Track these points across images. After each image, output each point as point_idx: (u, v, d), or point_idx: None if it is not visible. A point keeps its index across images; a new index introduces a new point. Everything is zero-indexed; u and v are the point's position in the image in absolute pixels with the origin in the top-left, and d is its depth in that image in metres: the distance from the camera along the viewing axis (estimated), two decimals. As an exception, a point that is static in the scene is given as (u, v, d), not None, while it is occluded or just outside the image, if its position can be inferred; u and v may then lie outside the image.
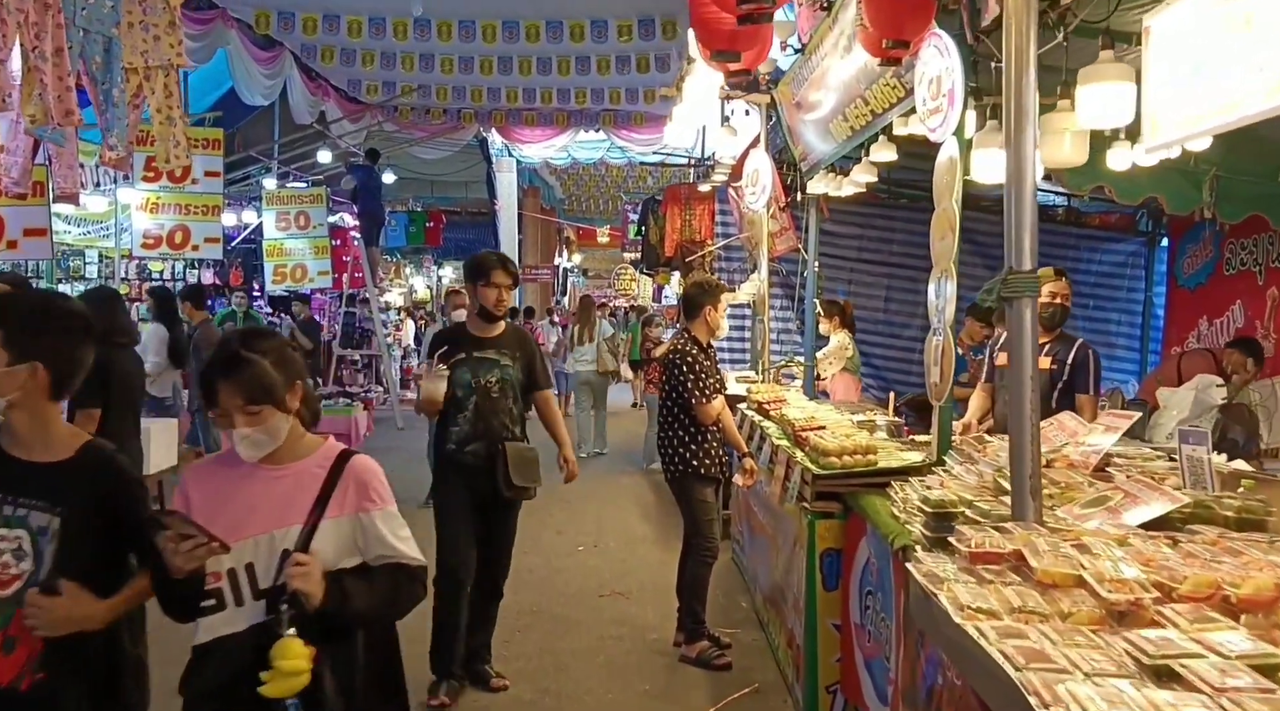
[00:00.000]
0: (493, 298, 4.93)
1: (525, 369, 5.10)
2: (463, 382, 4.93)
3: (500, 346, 5.05)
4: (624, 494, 10.44)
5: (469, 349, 4.99)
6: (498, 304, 4.95)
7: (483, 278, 4.93)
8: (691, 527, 5.64)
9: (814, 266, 7.79)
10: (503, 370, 5.01)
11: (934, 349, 4.41)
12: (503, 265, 5.00)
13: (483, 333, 5.05)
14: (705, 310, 5.65)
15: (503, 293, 4.97)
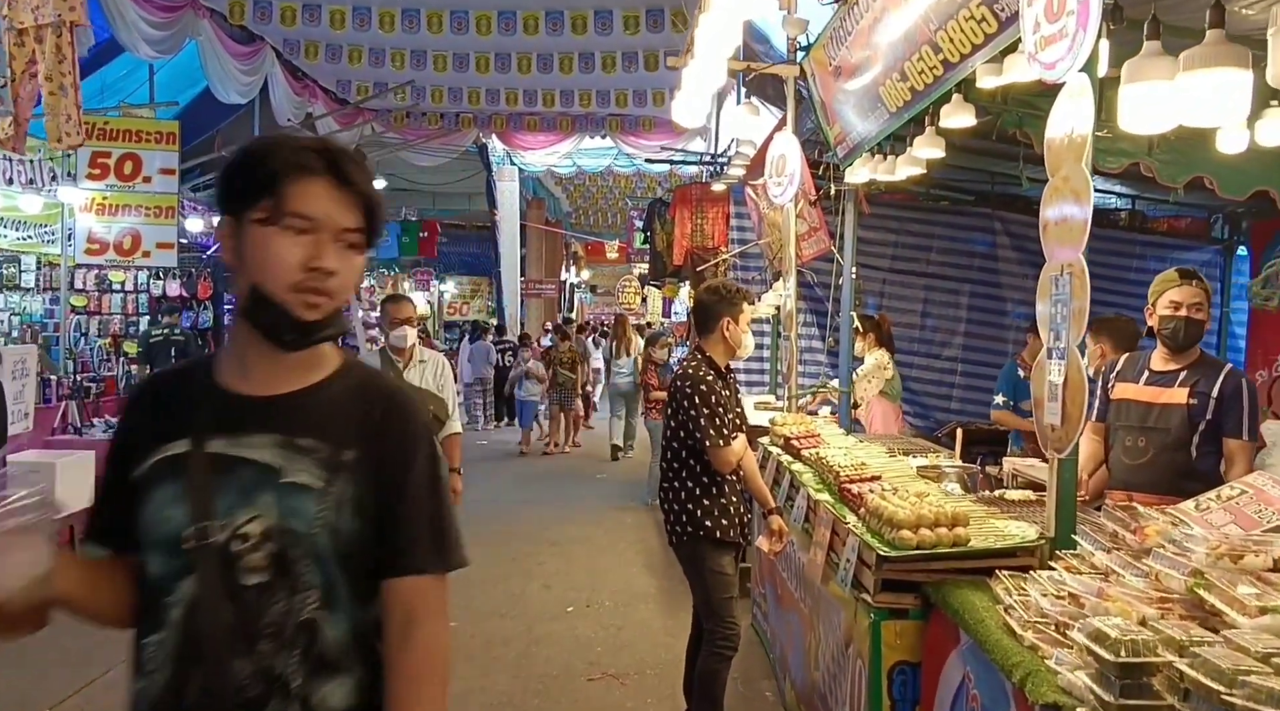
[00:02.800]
0: (296, 258, 1.61)
1: (375, 496, 1.70)
2: (160, 536, 1.64)
3: (297, 423, 1.68)
4: (624, 535, 9.11)
5: (202, 428, 1.68)
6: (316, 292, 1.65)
7: (268, 194, 1.62)
8: (704, 608, 4.31)
9: (850, 273, 6.49)
10: (292, 500, 1.64)
11: (1050, 378, 3.10)
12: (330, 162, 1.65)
13: (252, 385, 1.71)
14: (723, 323, 4.35)
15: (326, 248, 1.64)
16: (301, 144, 1.65)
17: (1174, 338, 4.14)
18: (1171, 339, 4.15)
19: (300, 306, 1.61)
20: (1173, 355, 4.16)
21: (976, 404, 9.64)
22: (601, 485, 12.15)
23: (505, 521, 9.57)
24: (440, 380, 5.64)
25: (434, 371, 5.64)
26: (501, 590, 7.16)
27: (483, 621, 6.47)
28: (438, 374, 5.65)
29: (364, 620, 1.68)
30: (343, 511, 1.64)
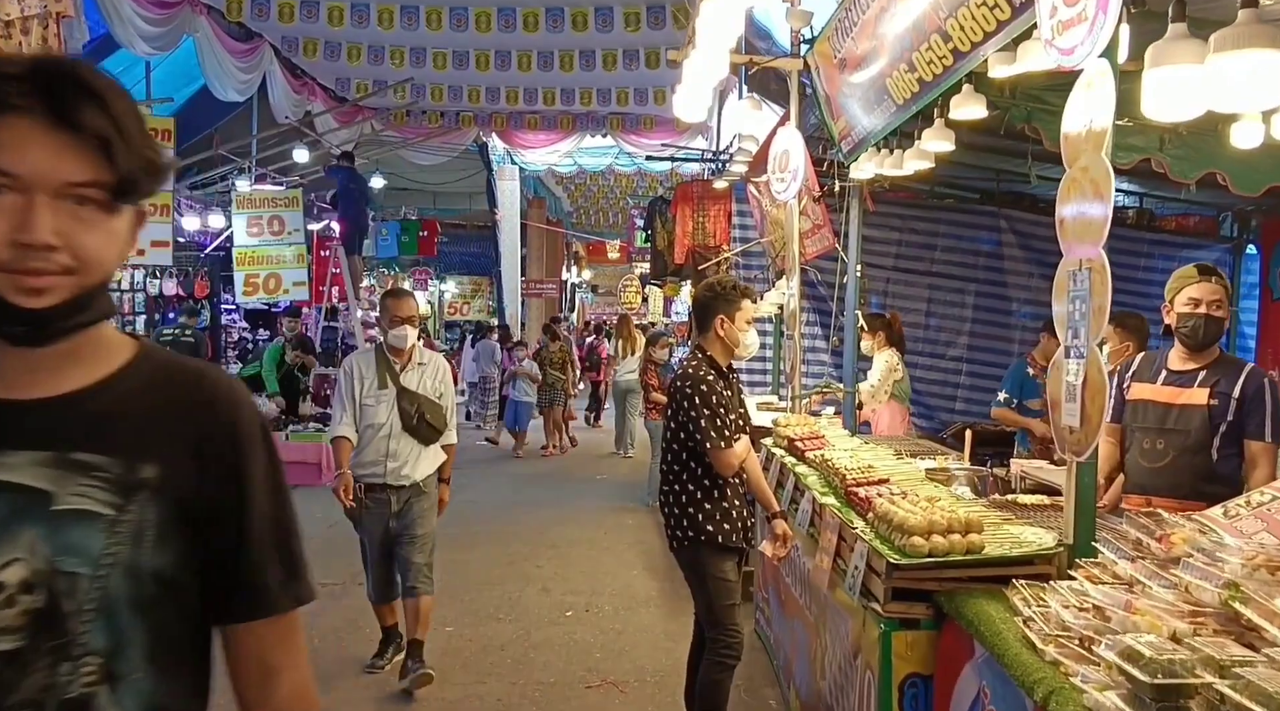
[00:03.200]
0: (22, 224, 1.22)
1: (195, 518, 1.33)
2: None
3: (73, 433, 1.28)
4: (624, 537, 8.98)
5: None
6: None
7: None
8: (706, 616, 4.18)
9: (855, 271, 6.36)
10: (68, 533, 1.25)
11: (1068, 378, 2.96)
12: (41, 93, 1.21)
13: (6, 388, 1.28)
14: (717, 321, 4.21)
15: (38, 213, 1.21)
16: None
17: (1193, 336, 4.00)
18: (1190, 337, 4.01)
19: (15, 292, 1.19)
20: (1191, 354, 4.02)
21: (982, 404, 9.47)
22: (601, 486, 12.02)
23: (503, 522, 9.44)
24: (440, 385, 5.32)
25: (434, 375, 5.31)
26: (499, 593, 7.03)
27: (479, 625, 6.34)
28: (438, 378, 5.33)
29: (165, 696, 1.29)
30: (143, 544, 1.25)
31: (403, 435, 5.13)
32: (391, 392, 5.15)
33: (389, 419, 5.12)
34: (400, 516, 5.26)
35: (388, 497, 5.20)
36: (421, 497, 5.29)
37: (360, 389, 5.16)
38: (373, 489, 5.21)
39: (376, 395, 5.15)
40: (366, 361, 5.27)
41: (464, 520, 9.55)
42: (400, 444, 5.13)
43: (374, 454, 5.16)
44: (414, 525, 5.28)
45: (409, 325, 5.23)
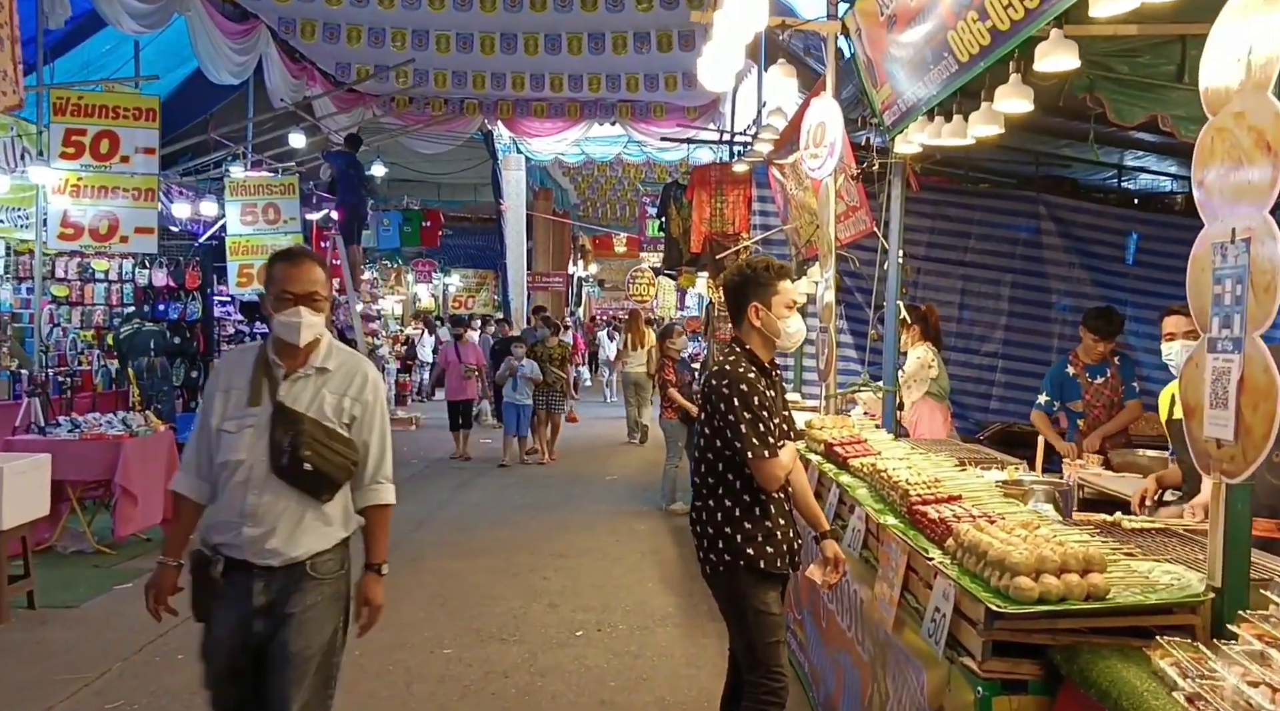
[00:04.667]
0: None
1: None
2: None
3: None
4: (637, 545, 8.38)
5: None
6: None
7: None
8: (745, 655, 3.57)
9: (897, 256, 5.74)
10: None
11: (1211, 379, 2.36)
12: None
13: None
14: (751, 310, 3.60)
15: None
16: None
17: None
18: None
19: None
20: None
21: (1019, 403, 8.89)
22: (612, 487, 11.41)
23: (506, 530, 8.84)
24: (353, 404, 3.20)
25: (343, 387, 3.20)
26: (502, 610, 6.43)
27: (481, 646, 5.75)
28: (350, 392, 3.21)
29: None
30: None
31: (269, 481, 3.08)
32: (264, 413, 3.10)
33: (252, 455, 3.09)
34: (269, 617, 3.08)
35: (248, 585, 3.08)
36: (308, 591, 3.12)
37: (223, 406, 3.16)
38: (233, 568, 3.10)
39: (241, 416, 3.12)
40: (241, 362, 3.23)
41: (465, 526, 8.99)
42: (265, 497, 3.08)
43: (229, 511, 3.11)
44: (291, 637, 3.08)
45: (309, 306, 3.08)
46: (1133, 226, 8.85)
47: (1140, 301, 8.82)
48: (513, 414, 12.93)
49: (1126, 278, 8.84)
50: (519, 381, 12.66)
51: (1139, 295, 8.78)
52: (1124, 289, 8.79)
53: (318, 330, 3.15)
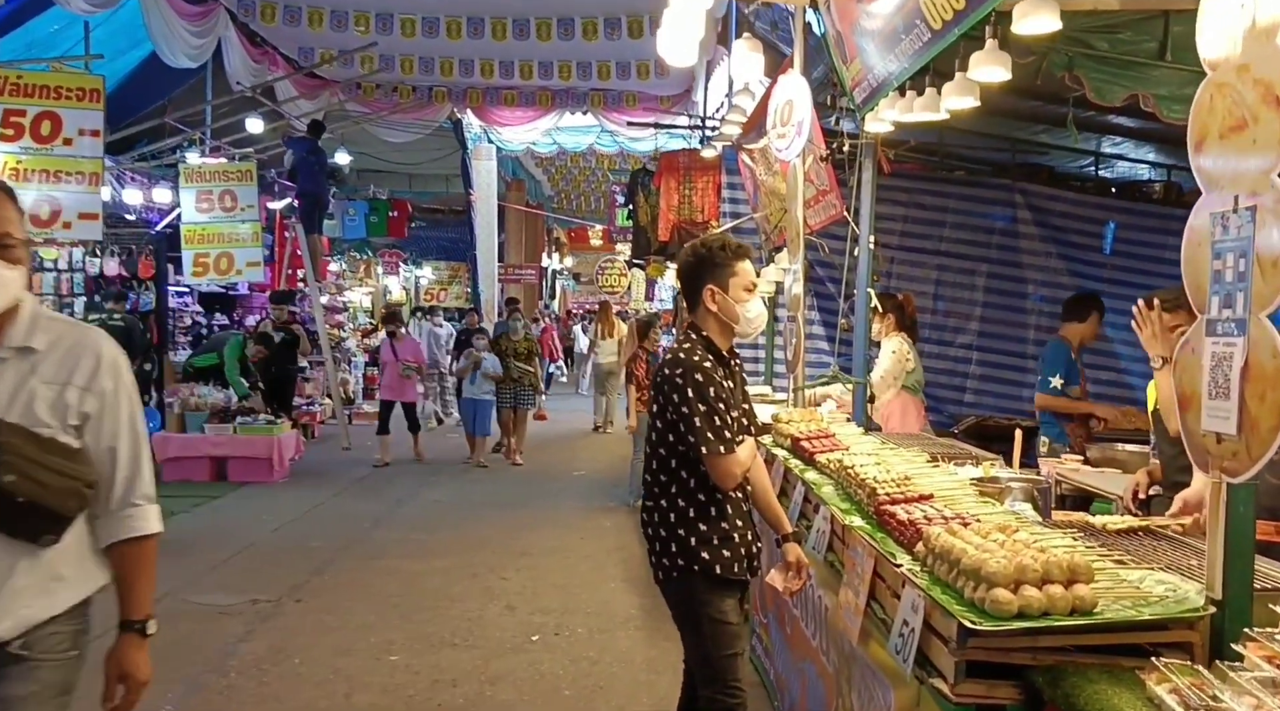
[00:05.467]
0: None
1: None
2: None
3: None
4: (603, 542, 8.10)
5: None
6: None
7: None
8: (700, 669, 3.29)
9: (869, 242, 5.48)
10: None
11: (1210, 365, 2.11)
12: None
13: None
14: (707, 292, 3.32)
15: None
16: None
17: None
18: None
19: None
20: None
21: (994, 396, 8.70)
22: (579, 483, 11.14)
23: (466, 528, 8.53)
24: (81, 397, 2.27)
25: (62, 374, 2.26)
26: (457, 613, 6.14)
27: (430, 653, 5.45)
28: (74, 379, 2.27)
29: None
30: None
31: None
32: None
33: None
34: None
35: None
36: (16, 681, 2.21)
37: None
38: None
39: None
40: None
41: (424, 524, 8.69)
42: None
43: None
44: None
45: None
46: (1110, 215, 8.65)
47: (1117, 292, 8.60)
48: (470, 410, 12.14)
49: (1104, 268, 8.64)
50: (478, 376, 11.87)
51: (1116, 285, 8.57)
52: (1101, 279, 8.59)
53: (14, 291, 2.18)
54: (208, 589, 6.62)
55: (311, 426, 13.95)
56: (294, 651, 5.43)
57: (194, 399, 10.75)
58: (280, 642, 5.57)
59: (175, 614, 6.08)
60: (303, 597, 6.45)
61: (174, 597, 6.40)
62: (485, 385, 11.83)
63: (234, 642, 5.59)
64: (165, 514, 2.54)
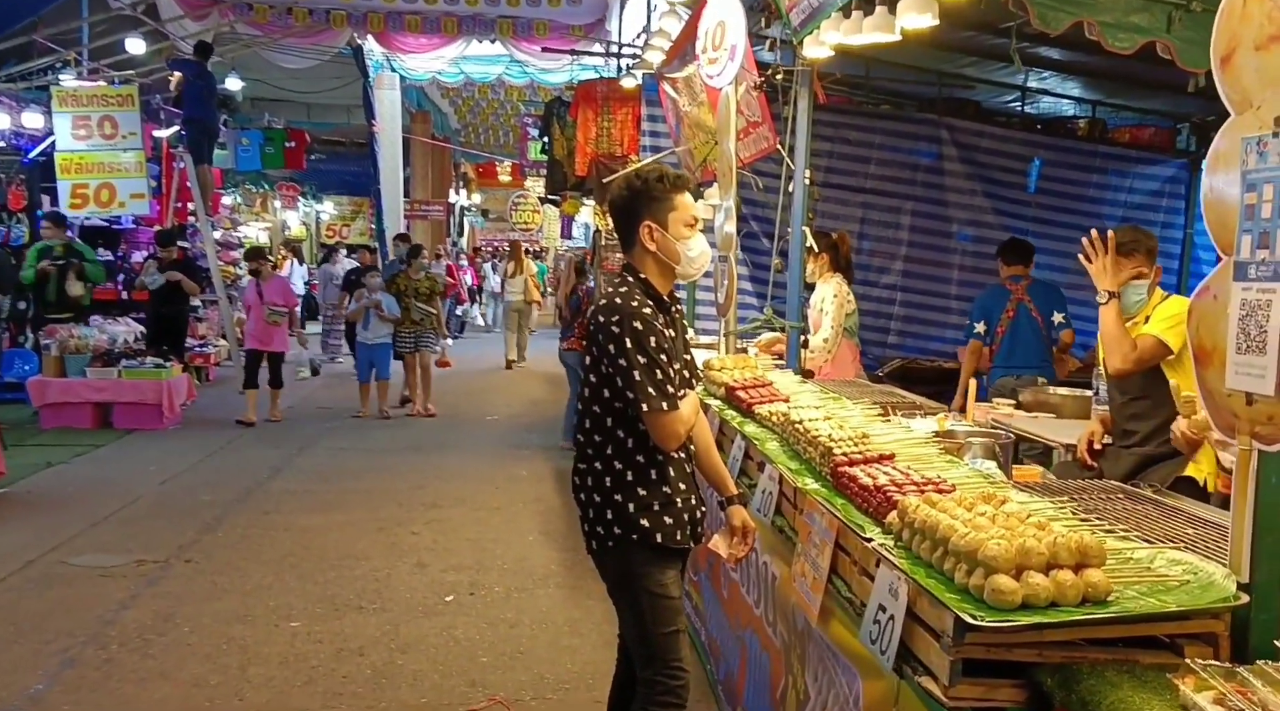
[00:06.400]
0: None
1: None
2: None
3: None
4: (519, 493, 7.74)
5: None
6: None
7: None
8: (638, 648, 2.98)
9: (804, 177, 5.15)
10: None
11: (1242, 313, 1.83)
12: None
13: None
14: (644, 230, 2.95)
15: None
16: None
17: None
18: None
19: None
20: None
21: (917, 337, 8.56)
22: (493, 428, 10.72)
23: (373, 479, 8.07)
24: None
25: None
26: (363, 572, 5.73)
27: (335, 617, 5.05)
28: None
29: None
30: None
31: None
32: None
33: None
34: None
35: None
36: None
37: None
38: None
39: None
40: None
41: (326, 474, 8.20)
42: None
43: None
44: None
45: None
46: (1035, 152, 8.50)
47: (1041, 231, 8.52)
48: (365, 357, 11.03)
49: (1029, 207, 8.52)
50: (371, 319, 10.75)
51: (1040, 224, 8.47)
52: (1026, 218, 8.48)
53: None
54: (86, 549, 6.09)
55: (206, 369, 13.22)
56: (183, 618, 4.97)
57: (74, 340, 9.96)
58: (167, 609, 5.10)
59: (49, 577, 5.58)
60: (193, 558, 5.96)
61: (48, 559, 5.88)
62: (381, 328, 10.80)
63: (115, 609, 5.10)
64: (41, 466, 2.13)
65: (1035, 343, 6.25)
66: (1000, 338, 6.24)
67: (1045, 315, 6.20)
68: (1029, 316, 6.22)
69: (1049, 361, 6.26)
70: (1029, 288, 6.33)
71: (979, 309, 6.46)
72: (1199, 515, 2.47)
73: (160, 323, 11.29)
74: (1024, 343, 6.20)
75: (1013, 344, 6.20)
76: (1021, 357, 6.19)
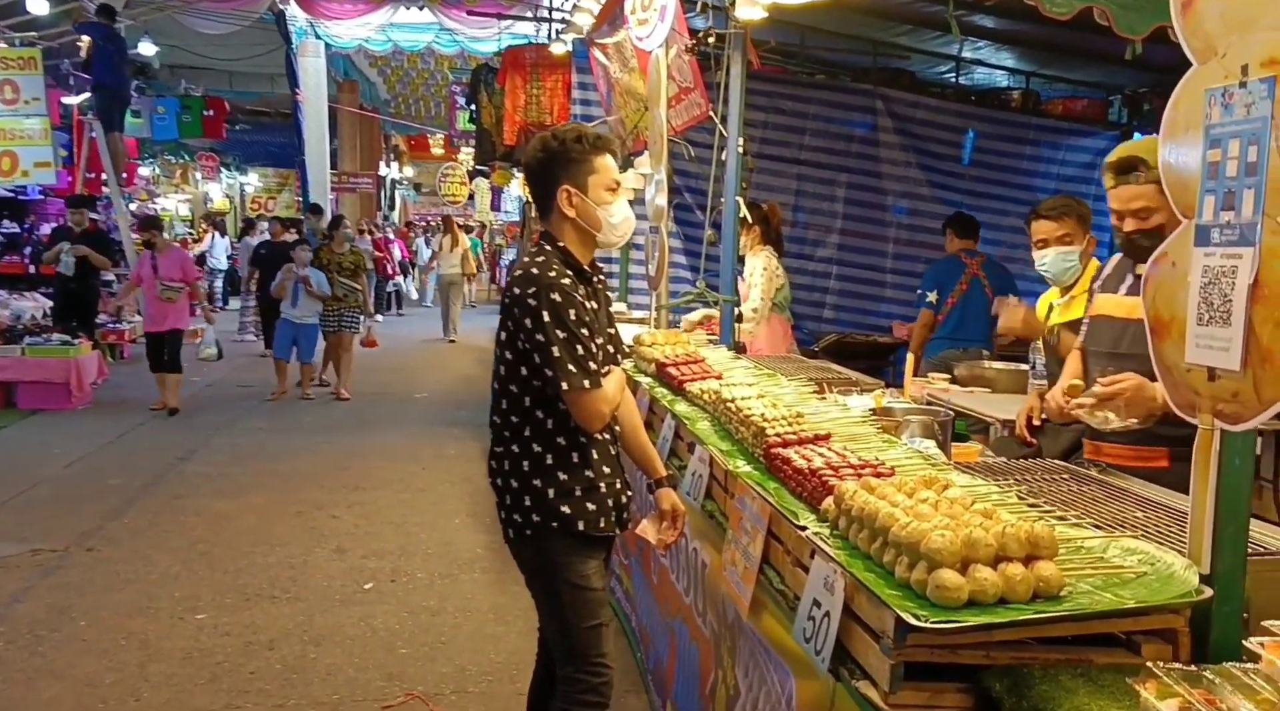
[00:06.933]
0: None
1: None
2: None
3: None
4: (446, 473, 7.49)
5: None
6: None
7: None
8: (558, 643, 2.78)
9: (737, 145, 4.96)
10: None
11: (1204, 281, 1.68)
12: None
13: None
14: (561, 194, 2.73)
15: None
16: None
17: (1128, 254, 3.01)
18: (1127, 255, 3.04)
19: None
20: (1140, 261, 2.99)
21: (852, 311, 8.47)
22: (421, 406, 10.43)
23: (293, 461, 7.75)
24: None
25: None
26: (277, 560, 5.46)
27: (244, 609, 4.78)
28: None
29: None
30: None
31: None
32: None
33: None
34: None
35: None
36: None
37: None
38: None
39: None
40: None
41: (243, 457, 7.85)
42: None
43: None
44: None
45: None
46: (970, 123, 8.43)
47: (976, 204, 8.46)
48: (288, 335, 10.30)
49: (963, 179, 8.46)
50: (300, 296, 10.07)
51: (974, 197, 8.42)
52: (960, 191, 8.42)
53: None
54: (-20, 539, 5.73)
55: (120, 346, 12.68)
56: (80, 612, 4.67)
57: (-27, 316, 9.47)
58: (64, 601, 4.79)
59: (-65, 571, 5.21)
60: (95, 546, 5.63)
61: (-64, 551, 5.50)
62: (310, 306, 10.17)
63: (6, 603, 4.78)
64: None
65: (984, 318, 6.17)
66: (950, 309, 6.16)
67: (996, 293, 6.11)
68: (981, 291, 6.12)
69: (990, 338, 6.20)
70: (984, 264, 6.28)
71: (931, 279, 6.38)
72: (1148, 497, 2.34)
73: (69, 298, 10.79)
74: (974, 317, 6.10)
75: (963, 316, 6.13)
76: (970, 331, 6.11)
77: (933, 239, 8.47)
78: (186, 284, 9.64)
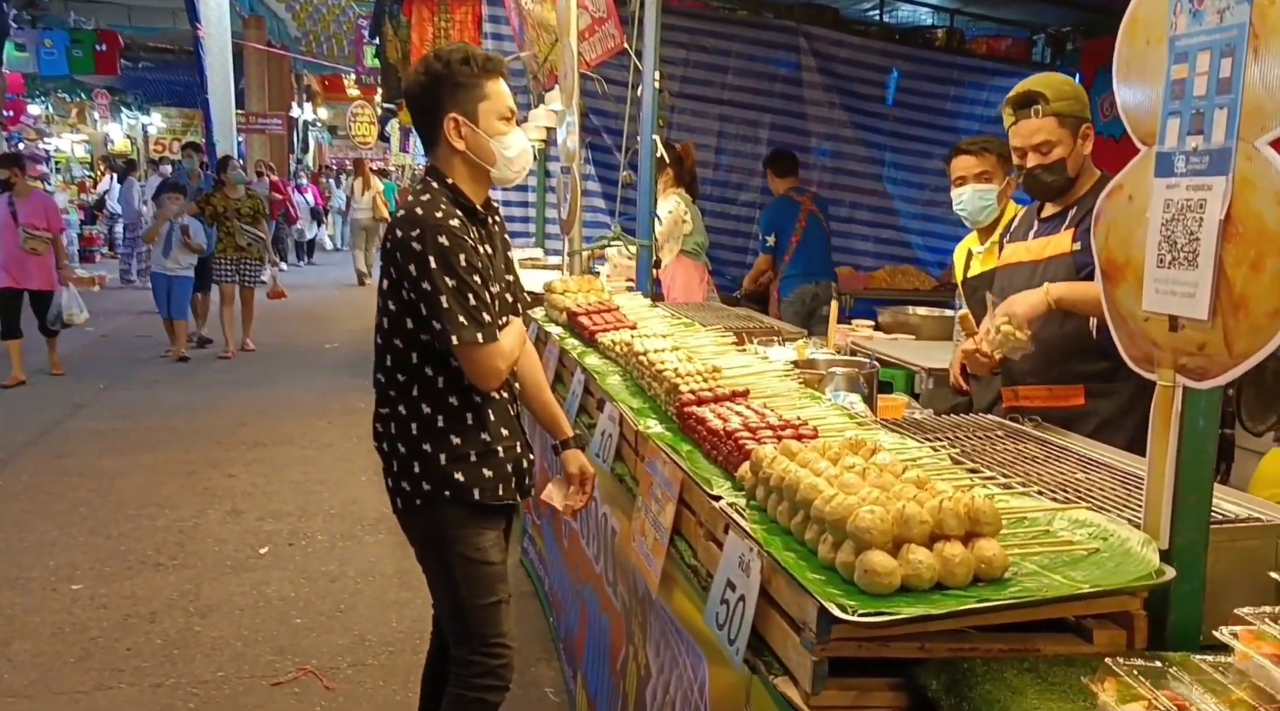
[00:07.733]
0: None
1: None
2: None
3: None
4: (353, 427, 7.15)
5: None
6: None
7: None
8: (453, 621, 2.54)
9: (653, 81, 4.66)
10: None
11: (1166, 217, 1.47)
12: None
13: None
14: (448, 123, 2.42)
15: None
16: None
17: (1032, 193, 2.95)
18: (1031, 193, 2.96)
19: None
20: (1053, 199, 2.92)
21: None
22: (329, 357, 10.02)
23: (188, 416, 7.33)
24: None
25: None
26: (165, 523, 5.11)
27: (125, 578, 4.45)
28: None
29: None
30: None
31: None
32: None
33: None
34: None
35: None
36: None
37: None
38: None
39: None
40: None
41: (134, 412, 7.40)
42: None
43: None
44: None
45: None
46: (894, 62, 8.23)
47: (899, 146, 8.34)
48: (162, 288, 9.40)
49: (886, 120, 8.28)
50: (174, 245, 9.19)
51: (898, 138, 8.27)
52: (884, 132, 8.26)
53: None
54: None
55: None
56: None
57: None
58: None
59: None
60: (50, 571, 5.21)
61: None
62: (185, 258, 9.29)
63: None
64: None
65: (826, 251, 6.69)
66: (795, 248, 6.46)
67: (828, 223, 6.63)
68: (818, 226, 6.57)
69: (832, 268, 6.72)
70: (814, 199, 6.73)
71: (769, 222, 6.69)
72: (1090, 456, 2.16)
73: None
74: (818, 252, 6.57)
75: (809, 253, 6.49)
76: (816, 266, 6.50)
77: (856, 182, 8.31)
78: (51, 233, 8.43)
